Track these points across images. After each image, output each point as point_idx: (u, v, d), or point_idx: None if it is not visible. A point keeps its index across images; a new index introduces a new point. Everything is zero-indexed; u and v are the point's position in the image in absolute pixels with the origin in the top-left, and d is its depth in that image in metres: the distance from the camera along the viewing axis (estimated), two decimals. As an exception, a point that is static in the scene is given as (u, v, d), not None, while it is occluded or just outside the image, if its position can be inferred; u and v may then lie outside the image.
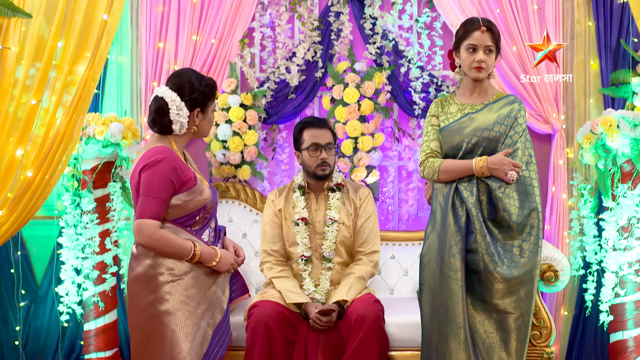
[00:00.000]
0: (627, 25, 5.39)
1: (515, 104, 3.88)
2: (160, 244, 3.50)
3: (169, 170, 3.50)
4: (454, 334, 3.81)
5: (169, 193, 3.51)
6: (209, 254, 3.63)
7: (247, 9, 5.53)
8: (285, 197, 4.66)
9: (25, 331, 5.59)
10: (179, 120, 3.59)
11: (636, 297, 5.01)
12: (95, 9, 4.78)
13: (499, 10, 5.36)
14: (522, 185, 3.80)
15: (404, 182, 5.71)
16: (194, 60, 5.50)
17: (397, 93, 5.55)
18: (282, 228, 4.63)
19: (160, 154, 3.53)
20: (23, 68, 4.61)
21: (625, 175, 4.98)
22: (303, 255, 4.53)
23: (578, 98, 5.52)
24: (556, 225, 5.37)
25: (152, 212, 3.48)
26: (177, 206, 3.56)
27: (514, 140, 3.81)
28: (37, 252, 5.67)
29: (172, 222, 3.58)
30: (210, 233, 3.74)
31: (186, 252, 3.54)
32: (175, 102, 3.58)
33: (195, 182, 3.60)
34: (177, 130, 3.63)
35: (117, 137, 5.03)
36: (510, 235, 3.80)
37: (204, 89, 3.64)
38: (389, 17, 5.54)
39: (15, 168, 4.60)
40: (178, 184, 3.53)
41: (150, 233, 3.48)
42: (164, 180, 3.49)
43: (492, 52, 3.87)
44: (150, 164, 3.51)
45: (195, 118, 3.65)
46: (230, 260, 3.71)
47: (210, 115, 3.73)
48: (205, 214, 3.67)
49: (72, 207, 5.21)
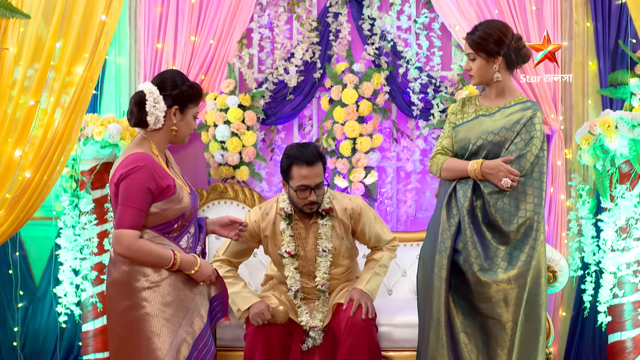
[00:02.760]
0: (626, 26, 5.40)
1: (528, 112, 3.79)
2: (140, 254, 3.41)
3: (147, 178, 3.40)
4: (434, 330, 3.81)
5: (147, 202, 3.41)
6: (189, 262, 3.51)
7: (246, 9, 5.53)
8: (273, 223, 4.38)
9: (24, 332, 5.58)
10: (155, 113, 3.47)
11: (634, 298, 5.01)
12: (93, 9, 4.78)
13: (497, 11, 5.37)
14: (519, 193, 3.77)
15: (403, 183, 5.71)
16: (192, 61, 5.50)
17: (396, 94, 5.55)
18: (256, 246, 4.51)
19: (138, 162, 3.43)
20: (21, 69, 4.61)
21: (623, 176, 4.98)
22: (292, 288, 4.36)
23: (576, 99, 5.52)
24: (554, 226, 5.37)
25: (130, 221, 3.39)
26: (155, 214, 3.46)
27: (518, 147, 3.75)
28: (36, 252, 5.66)
29: (151, 229, 3.47)
30: (189, 239, 3.62)
31: (166, 261, 3.44)
32: (153, 95, 3.47)
33: (174, 190, 3.49)
34: (152, 124, 3.49)
35: (115, 138, 5.03)
36: (503, 241, 3.77)
37: (186, 89, 3.52)
38: (388, 18, 5.54)
39: (14, 169, 4.60)
40: (156, 192, 3.43)
41: (128, 244, 3.39)
42: (142, 189, 3.39)
43: (475, 59, 3.86)
44: (128, 173, 3.41)
45: (172, 116, 3.52)
46: (208, 271, 3.58)
47: (191, 120, 3.59)
48: (183, 221, 3.56)
49: (71, 208, 5.21)
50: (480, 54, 3.81)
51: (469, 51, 3.84)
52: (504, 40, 3.79)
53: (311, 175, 4.16)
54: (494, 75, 3.83)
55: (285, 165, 4.22)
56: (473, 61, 3.84)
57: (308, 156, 4.16)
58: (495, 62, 3.81)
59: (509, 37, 3.81)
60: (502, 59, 3.81)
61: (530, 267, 3.73)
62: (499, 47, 3.80)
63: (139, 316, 3.42)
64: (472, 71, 3.86)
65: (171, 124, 3.53)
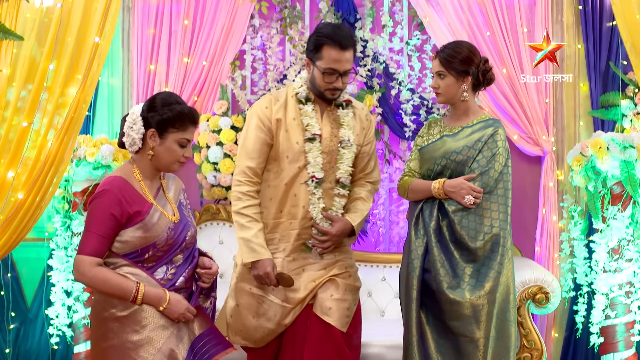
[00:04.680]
0: (617, 48, 5.43)
1: (489, 129, 3.81)
2: (95, 282, 3.17)
3: (111, 203, 3.18)
4: (410, 350, 3.80)
5: (110, 228, 3.17)
6: (156, 297, 3.21)
7: (238, 31, 5.56)
8: (284, 107, 3.85)
9: (15, 353, 5.56)
10: (130, 134, 3.28)
11: (627, 319, 5.01)
12: (86, 31, 4.79)
13: (489, 33, 5.41)
14: (483, 210, 3.76)
15: (395, 204, 5.72)
16: (185, 83, 5.52)
17: (388, 115, 5.57)
18: (272, 142, 3.82)
19: (105, 185, 3.23)
20: (14, 90, 4.61)
21: (615, 197, 4.99)
22: (314, 176, 3.77)
23: (568, 120, 5.55)
24: (547, 247, 5.39)
25: (90, 248, 3.16)
26: (124, 242, 3.21)
27: (480, 165, 3.77)
28: (28, 274, 5.65)
29: (122, 257, 3.23)
30: (168, 270, 3.30)
31: (126, 293, 3.17)
32: (133, 115, 3.30)
33: (143, 217, 3.23)
34: (128, 146, 3.31)
35: (108, 159, 5.04)
36: (471, 258, 3.76)
37: (166, 112, 3.26)
38: (380, 40, 5.57)
39: (6, 190, 4.59)
40: (122, 218, 3.19)
41: (84, 270, 3.16)
42: (104, 214, 3.17)
43: (444, 77, 3.88)
44: (94, 196, 3.23)
45: (149, 139, 3.28)
46: (180, 309, 3.25)
47: (172, 146, 3.29)
48: (156, 252, 3.26)
49: (63, 229, 5.21)
50: (451, 72, 3.83)
51: (439, 69, 3.86)
52: (473, 60, 3.84)
53: (342, 60, 3.72)
54: (462, 94, 3.86)
55: (316, 43, 3.76)
56: (442, 79, 3.86)
57: (343, 38, 3.73)
58: (465, 82, 3.84)
59: (478, 57, 3.86)
60: (470, 79, 3.85)
61: (499, 283, 3.72)
62: (468, 65, 3.83)
63: (106, 347, 3.21)
64: (440, 89, 3.89)
65: (148, 147, 3.30)
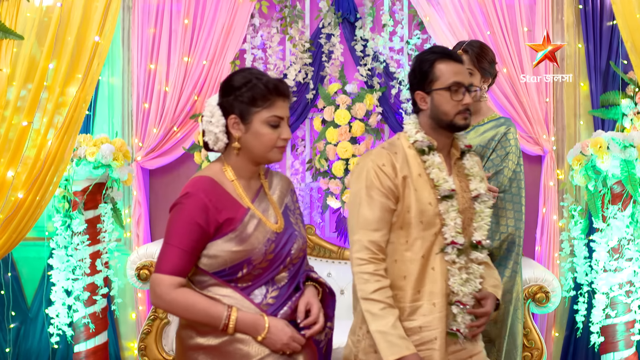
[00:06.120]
0: (617, 47, 5.43)
1: (502, 128, 3.78)
2: (176, 308, 2.67)
3: (196, 210, 2.66)
4: None
5: (194, 240, 2.65)
6: (252, 324, 2.66)
7: (239, 31, 5.55)
8: (406, 161, 3.01)
9: (15, 353, 5.56)
10: (211, 130, 2.76)
11: (627, 318, 5.02)
12: (86, 30, 4.79)
13: (490, 33, 5.40)
14: (499, 209, 3.71)
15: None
16: (185, 82, 5.51)
17: (388, 114, 5.57)
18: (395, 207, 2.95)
19: (189, 187, 2.72)
20: (14, 89, 4.61)
21: (615, 197, 4.99)
22: (454, 242, 2.94)
23: (568, 119, 5.55)
24: (547, 246, 5.38)
25: (170, 265, 2.65)
26: (212, 256, 2.69)
27: (494, 164, 3.74)
28: (28, 273, 5.65)
29: (213, 276, 2.71)
30: (268, 292, 2.74)
31: (215, 321, 2.64)
32: (210, 106, 2.78)
33: (235, 226, 2.70)
34: (212, 145, 2.80)
35: (108, 159, 5.04)
36: None
37: (242, 92, 2.72)
38: (380, 39, 5.57)
39: (6, 189, 4.59)
40: (211, 227, 2.67)
41: (161, 292, 2.64)
42: (188, 223, 2.65)
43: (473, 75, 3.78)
44: (177, 200, 2.72)
45: (231, 129, 2.74)
46: (283, 338, 2.67)
47: (260, 129, 2.72)
48: (252, 269, 2.70)
49: (63, 228, 5.21)
50: (480, 70, 3.78)
51: (469, 66, 3.74)
52: (495, 61, 3.85)
53: (462, 72, 3.03)
54: (483, 94, 3.85)
55: (426, 64, 3.04)
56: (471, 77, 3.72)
57: (453, 52, 3.08)
58: (486, 82, 3.83)
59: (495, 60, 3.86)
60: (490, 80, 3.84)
61: (515, 283, 3.72)
62: (491, 67, 3.83)
63: None
64: None
65: (233, 140, 2.77)
